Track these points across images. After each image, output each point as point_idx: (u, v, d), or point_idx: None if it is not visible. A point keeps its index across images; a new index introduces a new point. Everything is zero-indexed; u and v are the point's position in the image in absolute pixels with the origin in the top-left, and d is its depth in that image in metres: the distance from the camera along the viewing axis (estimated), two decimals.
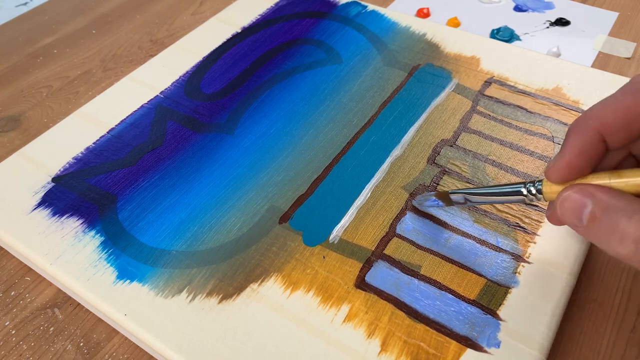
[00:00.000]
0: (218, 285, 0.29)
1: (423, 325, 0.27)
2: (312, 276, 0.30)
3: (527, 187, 0.25)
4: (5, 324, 0.30)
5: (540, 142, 0.36)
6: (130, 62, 0.48)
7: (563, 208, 0.22)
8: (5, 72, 0.48)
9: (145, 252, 0.31)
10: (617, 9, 0.51)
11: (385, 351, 0.26)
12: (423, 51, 0.44)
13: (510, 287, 0.29)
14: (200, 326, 0.28)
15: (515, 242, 0.31)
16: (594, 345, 0.28)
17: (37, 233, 0.32)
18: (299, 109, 0.40)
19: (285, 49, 0.45)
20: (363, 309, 0.28)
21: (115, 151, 0.37)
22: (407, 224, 0.32)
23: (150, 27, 0.52)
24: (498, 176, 0.34)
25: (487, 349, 0.26)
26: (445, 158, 0.35)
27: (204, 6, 0.55)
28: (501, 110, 0.39)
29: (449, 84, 0.41)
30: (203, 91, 0.42)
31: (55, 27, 0.53)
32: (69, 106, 0.44)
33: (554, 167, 0.22)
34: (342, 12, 0.48)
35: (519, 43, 0.48)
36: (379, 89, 0.41)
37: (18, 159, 0.37)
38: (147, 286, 0.29)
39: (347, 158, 0.36)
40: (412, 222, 0.32)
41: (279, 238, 0.32)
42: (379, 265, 0.30)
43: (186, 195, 0.34)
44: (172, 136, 0.38)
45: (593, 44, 0.47)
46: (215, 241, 0.32)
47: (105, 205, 0.34)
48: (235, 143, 0.37)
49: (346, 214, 0.33)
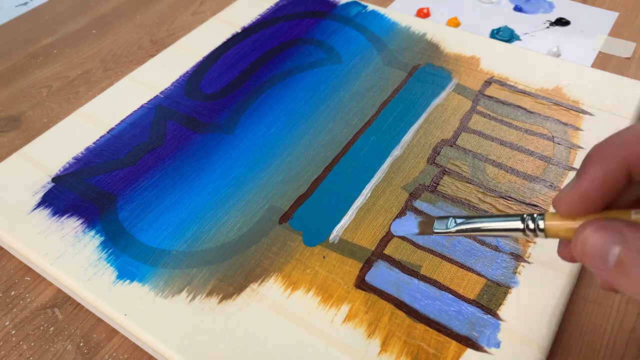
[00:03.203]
0: (218, 285, 0.29)
1: (423, 325, 0.27)
2: (312, 276, 0.30)
3: (525, 221, 0.21)
4: (5, 324, 0.30)
5: (540, 142, 0.36)
6: (130, 62, 0.48)
7: (585, 247, 0.18)
8: (5, 72, 0.48)
9: (145, 252, 0.31)
10: (617, 9, 0.51)
11: (385, 351, 0.26)
12: (423, 51, 0.44)
13: (510, 287, 0.29)
14: (200, 326, 0.28)
15: (515, 242, 0.31)
16: (594, 345, 0.28)
17: (37, 233, 0.32)
18: (299, 109, 0.40)
19: (285, 49, 0.45)
20: (363, 308, 0.28)
21: (115, 151, 0.37)
22: None
23: (150, 27, 0.52)
24: (498, 176, 0.34)
25: (487, 349, 0.26)
26: (445, 158, 0.35)
27: (204, 6, 0.55)
28: (501, 110, 0.39)
29: (449, 84, 0.41)
30: (203, 91, 0.42)
31: (55, 27, 0.53)
32: (69, 106, 0.44)
33: (567, 198, 0.19)
34: (342, 12, 0.48)
35: (519, 43, 0.48)
36: (379, 89, 0.41)
37: (18, 159, 0.37)
38: (147, 286, 0.29)
39: (347, 158, 0.36)
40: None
41: (279, 238, 0.32)
42: (379, 265, 0.30)
43: (186, 195, 0.34)
44: (172, 136, 0.38)
45: (593, 44, 0.47)
46: (215, 241, 0.32)
47: (105, 205, 0.34)
48: (235, 143, 0.37)
49: (346, 214, 0.33)
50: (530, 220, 0.21)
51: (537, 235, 0.21)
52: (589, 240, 0.18)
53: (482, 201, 0.33)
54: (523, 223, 0.21)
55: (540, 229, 0.20)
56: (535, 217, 0.21)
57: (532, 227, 0.20)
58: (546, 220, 0.20)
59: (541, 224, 0.20)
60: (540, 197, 0.33)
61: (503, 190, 0.33)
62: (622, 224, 0.17)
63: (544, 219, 0.20)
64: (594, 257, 0.18)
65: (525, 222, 0.21)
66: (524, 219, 0.21)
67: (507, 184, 0.34)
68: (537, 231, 0.20)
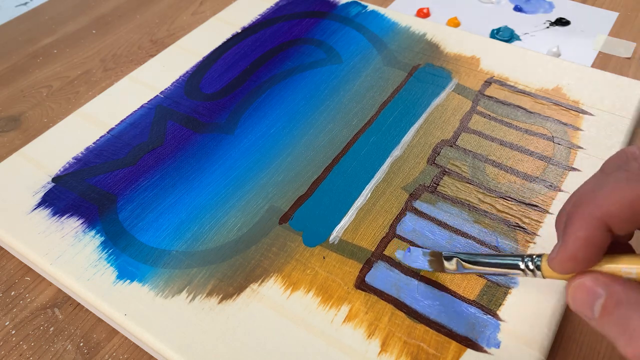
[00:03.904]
0: (218, 285, 0.29)
1: (423, 325, 0.27)
2: (312, 276, 0.30)
3: (525, 261, 0.23)
4: (5, 324, 0.30)
5: (540, 142, 0.36)
6: (130, 62, 0.48)
7: (574, 298, 0.20)
8: (5, 72, 0.48)
9: (145, 252, 0.31)
10: (617, 9, 0.51)
11: (385, 351, 0.26)
12: (423, 51, 0.44)
13: (510, 287, 0.29)
14: (200, 326, 0.28)
15: (515, 242, 0.31)
16: (594, 345, 0.28)
17: (37, 233, 0.32)
18: (299, 109, 0.40)
19: (285, 49, 0.45)
20: (363, 309, 0.28)
21: (115, 151, 0.37)
22: (407, 225, 0.32)
23: (150, 27, 0.52)
24: (498, 176, 0.34)
25: (487, 349, 0.26)
26: (445, 158, 0.35)
27: (204, 6, 0.55)
28: (501, 110, 0.39)
29: (449, 84, 0.41)
30: (203, 91, 0.42)
31: (55, 27, 0.53)
32: (69, 106, 0.44)
33: (558, 259, 0.20)
34: (342, 12, 0.48)
35: (519, 43, 0.48)
36: (379, 89, 0.41)
37: (18, 159, 0.37)
38: (147, 286, 0.30)
39: (347, 158, 0.36)
40: (412, 222, 0.32)
41: (279, 238, 0.32)
42: (379, 266, 0.30)
43: (186, 195, 0.34)
44: (172, 136, 0.38)
45: (593, 44, 0.47)
46: (215, 241, 0.32)
47: (105, 205, 0.34)
48: (235, 143, 0.37)
49: (346, 215, 0.33)
50: (529, 261, 0.23)
51: (535, 275, 0.23)
52: (578, 289, 0.20)
53: (482, 202, 0.33)
54: (523, 263, 0.23)
55: (539, 271, 0.23)
56: (534, 259, 0.23)
57: (531, 267, 0.23)
58: (543, 263, 0.22)
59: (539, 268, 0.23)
60: (540, 197, 0.33)
61: (503, 190, 0.33)
62: (609, 277, 0.19)
63: (541, 265, 0.22)
64: (583, 305, 0.20)
65: (525, 262, 0.23)
66: (524, 260, 0.23)
67: (507, 184, 0.34)
68: (536, 271, 0.23)
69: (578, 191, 0.21)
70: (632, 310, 0.18)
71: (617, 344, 0.18)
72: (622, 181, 0.19)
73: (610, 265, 0.20)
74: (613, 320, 0.18)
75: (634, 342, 0.18)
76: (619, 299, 0.19)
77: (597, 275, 0.20)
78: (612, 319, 0.19)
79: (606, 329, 0.19)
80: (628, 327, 0.18)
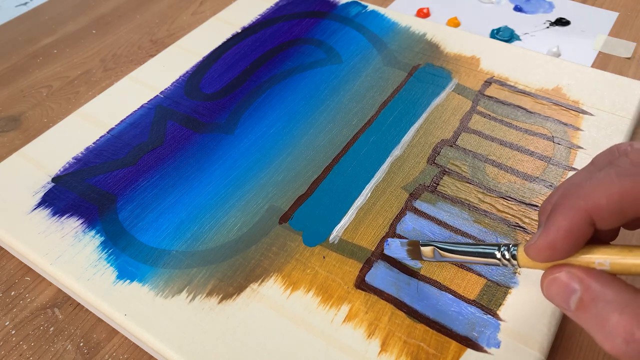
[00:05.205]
0: (218, 285, 0.29)
1: (423, 325, 0.27)
2: (312, 276, 0.30)
3: (501, 250, 0.23)
4: (5, 324, 0.30)
5: (540, 142, 0.36)
6: (130, 62, 0.48)
7: (550, 291, 0.20)
8: (5, 72, 0.48)
9: (145, 252, 0.31)
10: (617, 9, 0.51)
11: (385, 351, 0.26)
12: (423, 51, 0.44)
13: (510, 287, 0.29)
14: (200, 326, 0.28)
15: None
16: (594, 345, 0.28)
17: (37, 233, 0.32)
18: (299, 109, 0.40)
19: (285, 49, 0.45)
20: (363, 309, 0.28)
21: (115, 151, 0.37)
22: (407, 224, 0.32)
23: (150, 27, 0.52)
24: (498, 176, 0.34)
25: (487, 349, 0.26)
26: (445, 158, 0.35)
27: (204, 6, 0.55)
28: (501, 110, 0.39)
29: (449, 84, 0.41)
30: (203, 91, 0.42)
31: (55, 27, 0.53)
32: (69, 106, 0.44)
33: (536, 245, 0.20)
34: (342, 12, 0.48)
35: (519, 43, 0.48)
36: (379, 89, 0.41)
37: (18, 159, 0.37)
38: (147, 286, 0.29)
39: (347, 158, 0.36)
40: (412, 222, 0.32)
41: (279, 238, 0.32)
42: (379, 266, 0.30)
43: (186, 195, 0.34)
44: (172, 136, 0.38)
45: (593, 44, 0.47)
46: (215, 241, 0.32)
47: (105, 205, 0.34)
48: (235, 143, 0.37)
49: (346, 214, 0.33)
50: (505, 250, 0.23)
51: (511, 264, 0.22)
52: (553, 283, 0.20)
53: (482, 201, 0.33)
54: (499, 252, 0.23)
55: (514, 260, 0.22)
56: (510, 248, 0.22)
57: (508, 257, 0.22)
58: (519, 253, 0.22)
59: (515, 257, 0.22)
60: (540, 197, 0.33)
61: (503, 190, 0.33)
62: (584, 271, 0.19)
63: (517, 254, 0.22)
64: (558, 299, 0.20)
65: (501, 251, 0.23)
66: (500, 249, 0.23)
67: (507, 184, 0.34)
68: (512, 260, 0.22)
69: (566, 183, 0.21)
70: (607, 309, 0.18)
71: (594, 336, 0.19)
72: (611, 175, 0.19)
73: (584, 256, 0.20)
74: (589, 317, 0.19)
75: (611, 339, 0.18)
76: (594, 295, 0.19)
77: (571, 270, 0.20)
78: (588, 315, 0.19)
79: (582, 322, 0.19)
80: (605, 325, 0.18)
